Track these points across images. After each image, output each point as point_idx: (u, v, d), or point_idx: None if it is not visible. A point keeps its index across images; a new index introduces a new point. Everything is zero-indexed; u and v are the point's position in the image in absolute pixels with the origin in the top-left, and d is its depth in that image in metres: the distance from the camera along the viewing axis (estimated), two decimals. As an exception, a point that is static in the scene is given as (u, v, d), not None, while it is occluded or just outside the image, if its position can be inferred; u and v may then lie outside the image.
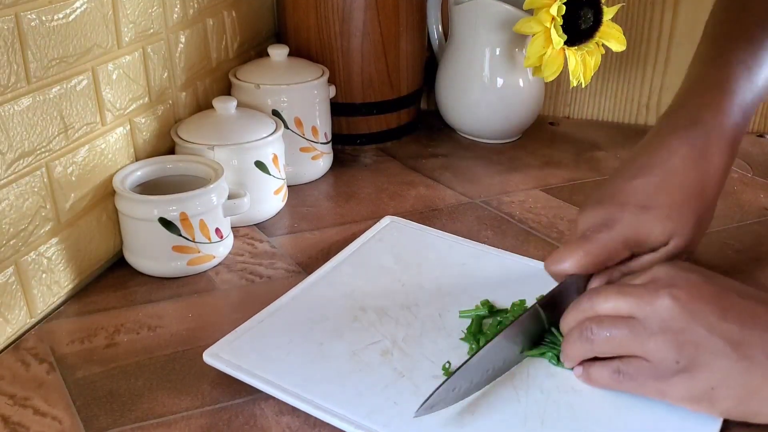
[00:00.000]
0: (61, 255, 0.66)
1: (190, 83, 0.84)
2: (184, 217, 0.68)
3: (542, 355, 0.57)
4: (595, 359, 0.53)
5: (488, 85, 0.98)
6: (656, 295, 0.49)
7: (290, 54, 0.90)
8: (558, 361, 0.56)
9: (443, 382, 0.50)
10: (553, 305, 0.57)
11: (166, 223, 0.68)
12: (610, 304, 0.51)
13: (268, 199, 0.80)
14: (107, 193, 0.71)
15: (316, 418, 0.53)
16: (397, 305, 0.64)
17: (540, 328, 0.57)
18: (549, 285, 0.66)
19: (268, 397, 0.55)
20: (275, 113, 0.85)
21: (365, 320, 0.62)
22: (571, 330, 0.53)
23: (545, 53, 0.89)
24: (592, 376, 0.53)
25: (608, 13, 0.91)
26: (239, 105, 0.80)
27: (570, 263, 0.57)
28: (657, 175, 0.58)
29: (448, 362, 0.56)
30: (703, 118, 0.59)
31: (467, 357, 0.52)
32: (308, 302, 0.64)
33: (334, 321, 0.62)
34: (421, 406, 0.49)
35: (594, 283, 0.58)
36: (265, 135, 0.78)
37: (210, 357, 0.57)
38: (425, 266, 0.70)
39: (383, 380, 0.55)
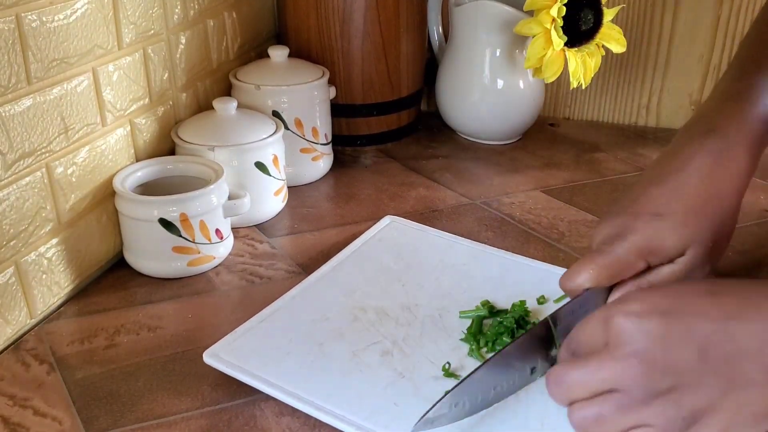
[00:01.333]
0: (61, 256, 0.66)
1: (190, 84, 0.84)
2: (184, 218, 0.68)
3: None
4: None
5: (488, 87, 0.98)
6: (625, 363, 0.43)
7: (290, 55, 0.90)
8: None
9: (442, 397, 0.49)
10: (569, 320, 0.54)
11: (167, 224, 0.68)
12: (584, 389, 0.45)
13: (269, 200, 0.80)
14: (107, 194, 0.71)
15: (316, 419, 0.53)
16: (397, 305, 0.64)
17: (550, 344, 0.54)
18: (549, 285, 0.66)
19: (268, 398, 0.55)
20: (275, 114, 0.85)
21: (365, 320, 0.62)
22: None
23: (545, 54, 0.89)
24: None
25: (608, 14, 0.91)
26: (239, 106, 0.80)
27: (584, 277, 0.55)
28: (671, 183, 0.56)
29: (448, 363, 0.56)
30: (719, 126, 0.58)
31: (470, 371, 0.50)
32: (308, 302, 0.64)
33: (334, 321, 0.62)
34: (420, 420, 0.48)
35: (614, 296, 0.56)
36: (265, 136, 0.78)
37: (210, 357, 0.57)
38: (425, 266, 0.70)
39: (383, 381, 0.55)
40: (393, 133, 1.02)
